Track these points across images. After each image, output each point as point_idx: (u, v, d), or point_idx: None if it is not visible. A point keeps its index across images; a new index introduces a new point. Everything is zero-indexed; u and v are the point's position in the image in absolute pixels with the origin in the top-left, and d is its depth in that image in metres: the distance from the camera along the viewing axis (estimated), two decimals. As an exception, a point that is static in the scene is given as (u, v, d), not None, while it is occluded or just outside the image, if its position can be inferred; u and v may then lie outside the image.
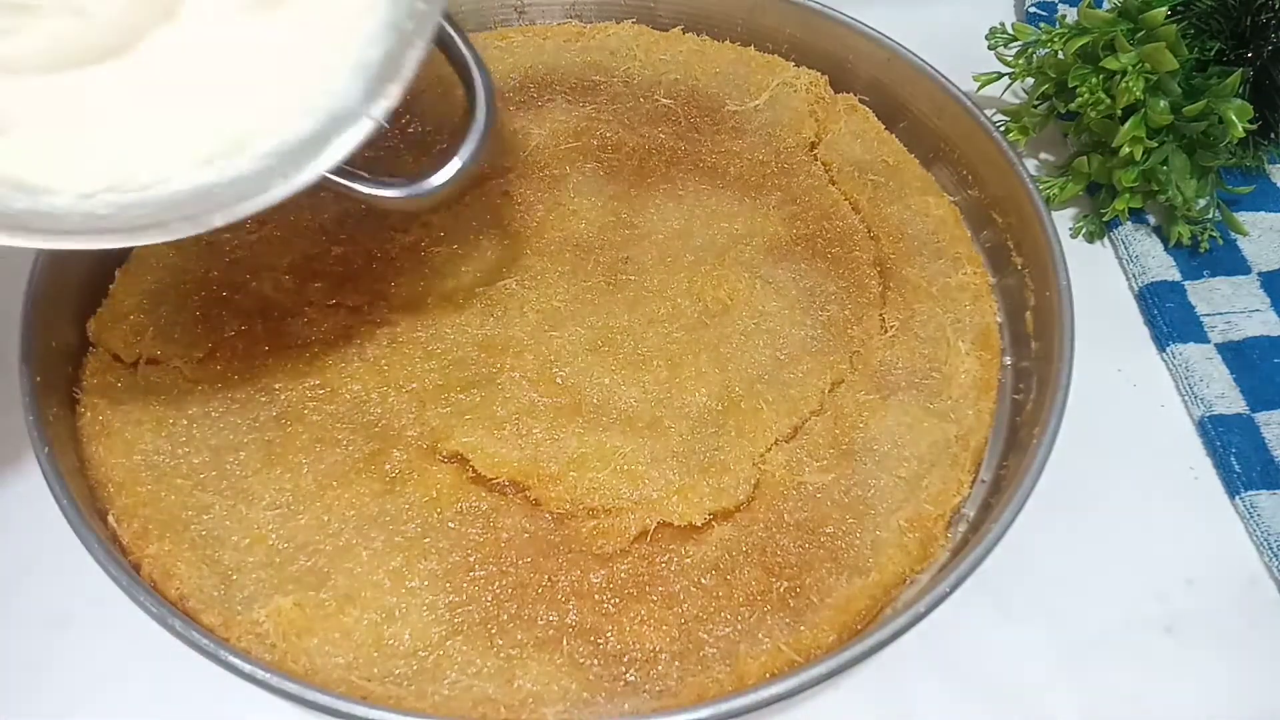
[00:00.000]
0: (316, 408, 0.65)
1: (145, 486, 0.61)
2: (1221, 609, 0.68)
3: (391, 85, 0.56)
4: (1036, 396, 0.67)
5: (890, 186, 0.78)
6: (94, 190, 0.53)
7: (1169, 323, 0.80)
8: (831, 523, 0.62)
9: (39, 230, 0.51)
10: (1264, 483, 0.72)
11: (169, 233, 0.53)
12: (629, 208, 0.75)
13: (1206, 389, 0.76)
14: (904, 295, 0.72)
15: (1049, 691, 0.65)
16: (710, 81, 0.83)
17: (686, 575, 0.60)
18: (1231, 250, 0.84)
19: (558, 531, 0.61)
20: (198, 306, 0.68)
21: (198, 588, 0.58)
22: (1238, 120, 0.76)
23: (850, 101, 0.83)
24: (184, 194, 0.54)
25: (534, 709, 0.55)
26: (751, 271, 0.72)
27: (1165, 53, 0.75)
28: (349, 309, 0.69)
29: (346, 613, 0.57)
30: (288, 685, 0.52)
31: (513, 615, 0.58)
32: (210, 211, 0.53)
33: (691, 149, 0.79)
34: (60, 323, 0.66)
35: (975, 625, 0.66)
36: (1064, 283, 0.69)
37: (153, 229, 0.53)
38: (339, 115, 0.56)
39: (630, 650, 0.57)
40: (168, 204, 0.54)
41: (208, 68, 0.56)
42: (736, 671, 0.56)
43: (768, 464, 0.64)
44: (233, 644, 0.56)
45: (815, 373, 0.68)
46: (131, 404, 0.64)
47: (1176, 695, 0.65)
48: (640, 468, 0.63)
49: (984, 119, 0.77)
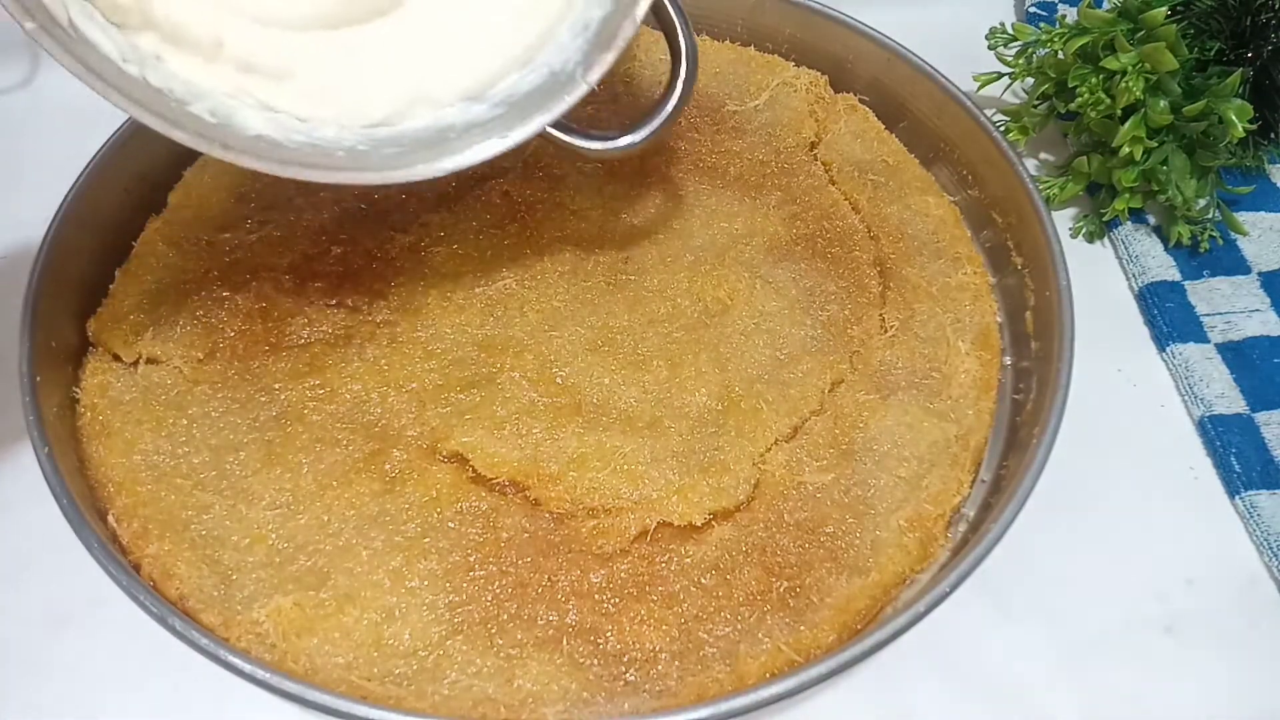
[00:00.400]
0: (316, 408, 0.65)
1: (145, 486, 0.61)
2: (1221, 609, 0.68)
3: (607, 54, 0.59)
4: (1036, 396, 0.67)
5: (890, 186, 0.78)
6: (354, 124, 0.60)
7: (1169, 323, 0.80)
8: (831, 523, 0.62)
9: (311, 165, 0.58)
10: (1264, 483, 0.72)
11: (410, 174, 0.59)
12: (629, 208, 0.75)
13: (1206, 389, 0.76)
14: (904, 295, 0.72)
15: (1049, 691, 0.65)
16: (710, 81, 0.83)
17: (686, 575, 0.60)
18: (1231, 250, 0.84)
19: (558, 531, 0.61)
20: (198, 306, 0.68)
21: (197, 587, 0.58)
22: (1238, 120, 0.76)
23: (850, 101, 0.83)
24: (427, 132, 0.61)
25: (534, 709, 0.55)
26: (751, 271, 0.72)
27: (1165, 53, 0.75)
28: (349, 309, 0.69)
29: (346, 612, 0.57)
30: (287, 685, 0.52)
31: (513, 615, 0.58)
32: (442, 157, 0.59)
33: (691, 149, 0.79)
34: (60, 323, 0.66)
35: (975, 625, 0.67)
36: (1064, 283, 0.69)
37: (398, 169, 0.59)
38: (559, 74, 0.61)
39: (630, 650, 0.57)
40: (413, 142, 0.60)
41: (455, 22, 0.61)
42: (736, 671, 0.56)
43: (768, 464, 0.64)
44: (232, 644, 0.56)
45: (815, 372, 0.68)
46: (131, 404, 0.64)
47: (1176, 695, 0.65)
48: (640, 467, 0.63)
49: (984, 119, 0.77)
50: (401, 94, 0.60)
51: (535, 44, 0.61)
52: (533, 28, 0.61)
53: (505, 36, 0.61)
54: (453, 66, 0.61)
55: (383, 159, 0.59)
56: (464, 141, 0.60)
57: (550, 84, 0.61)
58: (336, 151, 0.59)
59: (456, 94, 0.61)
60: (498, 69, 0.61)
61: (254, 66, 0.58)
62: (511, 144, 0.59)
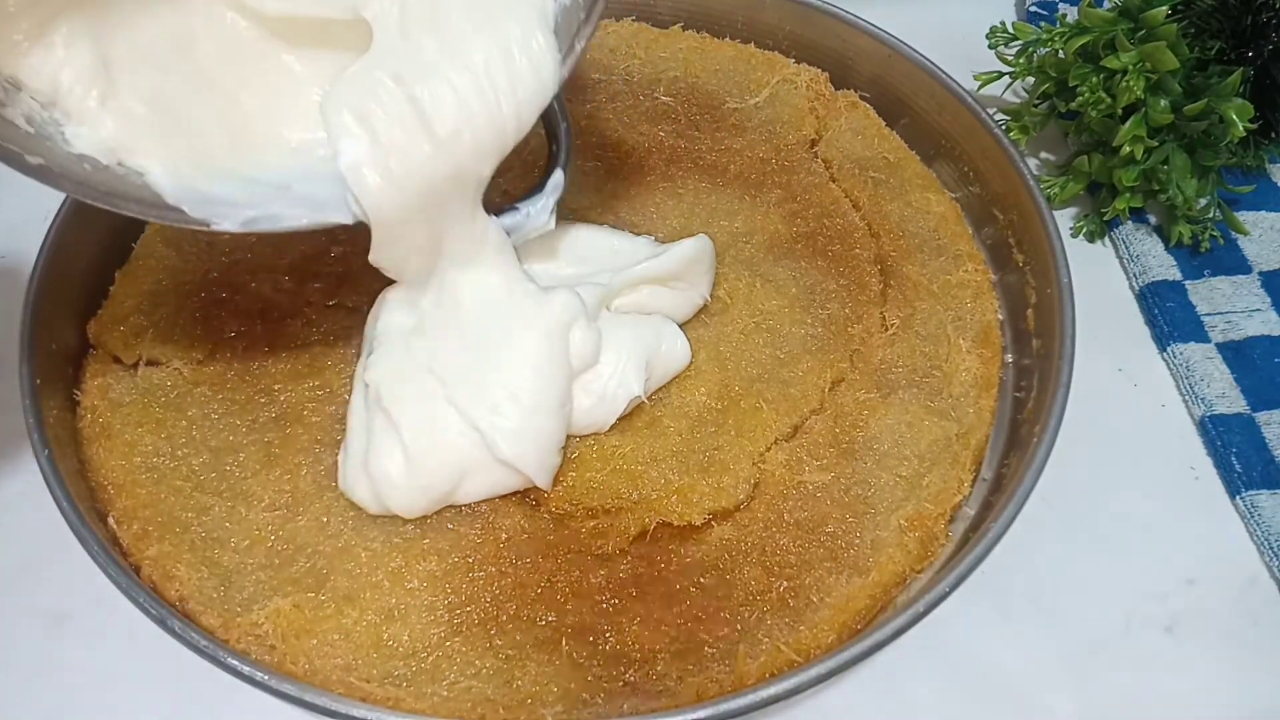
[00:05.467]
0: (316, 409, 0.65)
1: (145, 488, 0.61)
2: (1222, 609, 0.68)
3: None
4: (1038, 394, 0.67)
5: (891, 184, 0.78)
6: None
7: (1170, 322, 0.80)
8: (831, 522, 0.62)
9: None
10: (1264, 482, 0.72)
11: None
12: (629, 206, 0.75)
13: (1207, 388, 0.76)
14: (905, 293, 0.72)
15: (1049, 691, 0.65)
16: (710, 79, 0.83)
17: (686, 575, 0.60)
18: (1232, 250, 0.84)
19: (557, 532, 0.61)
20: (197, 308, 0.68)
21: (197, 589, 0.58)
22: (1238, 119, 0.76)
23: (851, 98, 0.83)
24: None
25: (533, 709, 0.55)
26: (751, 269, 0.72)
27: (1166, 52, 0.75)
28: (349, 309, 0.69)
29: (345, 614, 0.57)
30: (287, 687, 0.53)
31: (512, 616, 0.58)
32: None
33: (691, 147, 0.79)
34: (60, 324, 0.66)
35: (975, 625, 0.67)
36: (1065, 279, 0.68)
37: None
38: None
39: (629, 650, 0.57)
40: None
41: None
42: (736, 671, 0.56)
43: (767, 463, 0.64)
44: (232, 645, 0.56)
45: (815, 371, 0.68)
46: (131, 406, 0.64)
47: (1176, 695, 0.65)
48: (639, 467, 0.63)
49: (985, 115, 0.77)
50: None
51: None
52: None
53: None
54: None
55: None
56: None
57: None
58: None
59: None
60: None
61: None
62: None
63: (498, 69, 0.57)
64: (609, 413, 0.63)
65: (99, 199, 0.55)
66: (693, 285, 0.68)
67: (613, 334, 0.63)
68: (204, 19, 0.59)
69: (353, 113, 0.56)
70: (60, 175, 0.54)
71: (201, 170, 0.58)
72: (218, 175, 0.58)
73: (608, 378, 0.62)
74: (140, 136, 0.57)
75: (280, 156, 0.60)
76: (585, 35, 0.58)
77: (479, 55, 0.57)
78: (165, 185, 0.56)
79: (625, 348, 0.63)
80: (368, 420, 0.60)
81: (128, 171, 0.56)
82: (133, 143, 0.57)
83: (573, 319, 0.61)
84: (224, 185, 0.58)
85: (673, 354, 0.66)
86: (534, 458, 0.59)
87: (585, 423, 0.63)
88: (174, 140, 0.58)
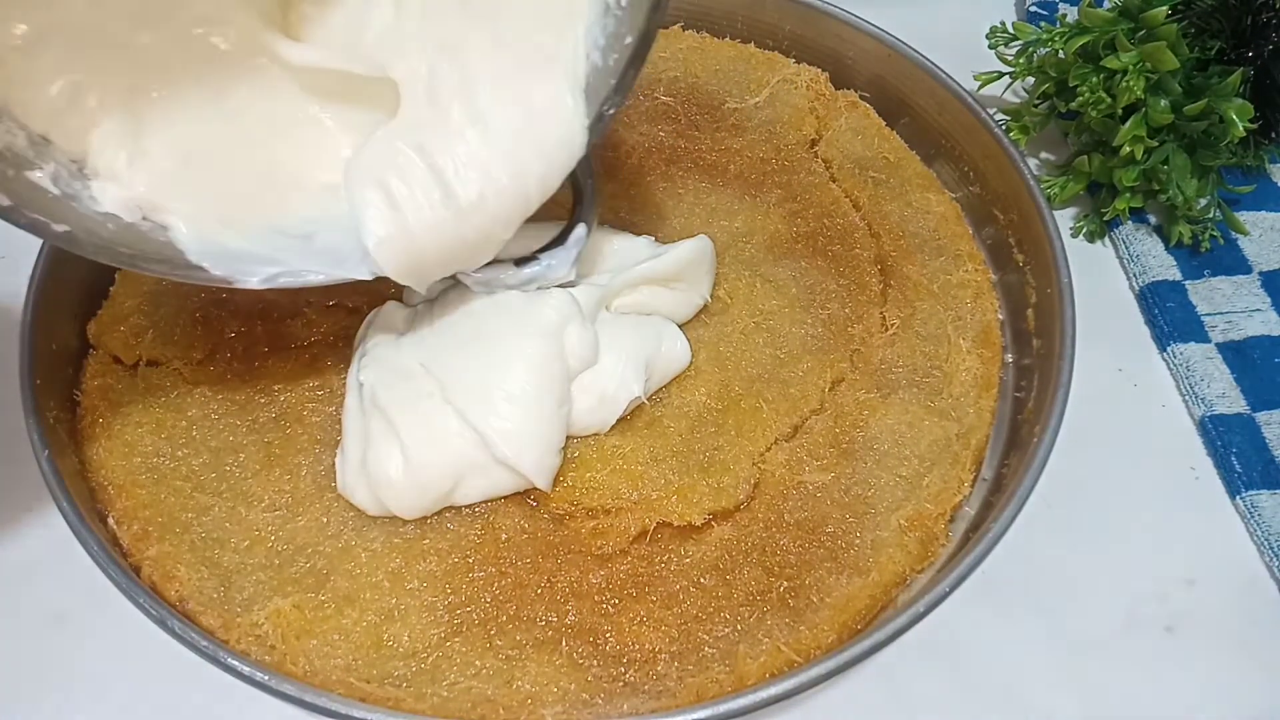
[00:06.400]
0: (316, 409, 0.65)
1: (145, 489, 0.61)
2: (1222, 609, 0.68)
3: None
4: (1038, 394, 0.67)
5: (891, 183, 0.78)
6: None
7: (1170, 322, 0.80)
8: (831, 522, 0.62)
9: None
10: (1265, 482, 0.72)
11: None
12: (629, 206, 0.75)
13: (1207, 388, 0.76)
14: (905, 293, 0.72)
15: (1049, 691, 0.65)
16: (710, 78, 0.83)
17: (686, 575, 0.60)
18: (1232, 250, 0.84)
19: (557, 532, 0.61)
20: (197, 308, 0.68)
21: (197, 589, 0.58)
22: (1238, 119, 0.76)
23: (851, 98, 0.83)
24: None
25: (533, 710, 0.55)
26: (751, 269, 0.72)
27: (1166, 52, 0.75)
28: (348, 309, 0.69)
29: (345, 614, 0.57)
30: (287, 687, 0.53)
31: (512, 616, 0.58)
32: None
33: (691, 146, 0.79)
34: (61, 325, 0.66)
35: (975, 625, 0.66)
36: (1065, 279, 0.69)
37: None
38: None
39: (629, 650, 0.57)
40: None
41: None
42: (736, 672, 0.56)
43: (767, 463, 0.64)
44: (232, 646, 0.56)
45: (815, 371, 0.68)
46: (131, 406, 0.64)
47: (1176, 695, 0.65)
48: (639, 467, 0.63)
49: (985, 115, 0.77)
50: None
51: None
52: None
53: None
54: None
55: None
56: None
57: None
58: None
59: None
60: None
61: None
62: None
63: (524, 135, 0.56)
64: (609, 413, 0.63)
65: (124, 262, 0.56)
66: (693, 286, 0.68)
67: (613, 335, 0.63)
68: (240, 68, 0.59)
69: (376, 186, 0.57)
70: (86, 242, 0.55)
71: (225, 223, 0.58)
72: (241, 228, 0.58)
73: (608, 378, 0.62)
74: (167, 191, 0.57)
75: (305, 201, 0.60)
76: (615, 104, 0.57)
77: (506, 121, 0.56)
78: (188, 242, 0.57)
79: (625, 348, 0.63)
80: (364, 421, 0.60)
81: (152, 227, 0.57)
82: (159, 198, 0.57)
83: (567, 319, 0.61)
84: (247, 239, 0.58)
85: (673, 354, 0.66)
86: (532, 458, 0.59)
87: (586, 423, 0.63)
88: (200, 193, 0.58)
